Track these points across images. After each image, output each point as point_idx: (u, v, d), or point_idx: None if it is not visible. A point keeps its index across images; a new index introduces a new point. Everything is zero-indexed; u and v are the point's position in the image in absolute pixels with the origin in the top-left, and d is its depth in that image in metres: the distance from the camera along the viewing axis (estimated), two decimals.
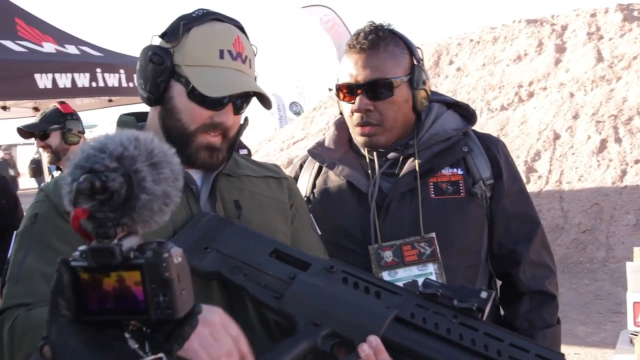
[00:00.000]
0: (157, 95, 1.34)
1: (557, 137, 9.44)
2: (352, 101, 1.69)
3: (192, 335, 1.00)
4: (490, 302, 1.10)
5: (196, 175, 1.40)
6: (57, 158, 3.75)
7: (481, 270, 1.75)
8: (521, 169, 8.99)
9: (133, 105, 6.73)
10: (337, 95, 1.75)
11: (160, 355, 0.74)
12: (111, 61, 6.09)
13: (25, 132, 3.80)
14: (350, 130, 1.77)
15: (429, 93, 1.76)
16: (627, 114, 9.21)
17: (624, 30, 10.86)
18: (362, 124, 1.69)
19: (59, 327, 0.73)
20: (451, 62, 12.36)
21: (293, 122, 15.66)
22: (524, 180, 7.85)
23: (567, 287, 6.66)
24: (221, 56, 1.31)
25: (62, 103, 3.82)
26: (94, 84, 5.65)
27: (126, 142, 0.75)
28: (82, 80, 5.53)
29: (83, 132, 3.85)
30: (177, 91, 1.33)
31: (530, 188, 8.55)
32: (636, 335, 2.27)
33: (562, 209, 8.12)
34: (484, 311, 1.08)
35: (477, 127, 1.83)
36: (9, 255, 1.31)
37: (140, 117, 1.47)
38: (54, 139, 3.71)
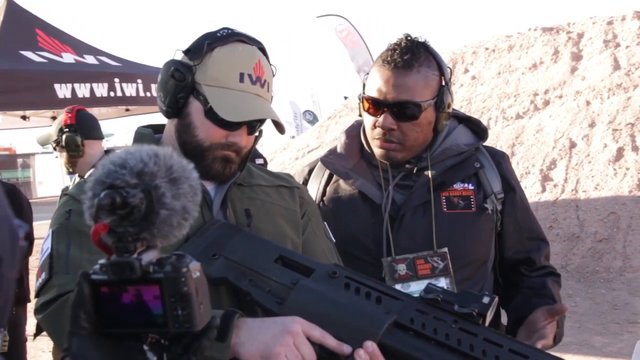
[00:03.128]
0: (175, 109, 1.38)
1: (573, 145, 9.38)
2: (377, 115, 1.70)
3: (278, 345, 1.05)
4: (493, 308, 1.09)
5: (209, 184, 1.43)
6: (71, 167, 3.66)
7: (487, 282, 1.79)
8: (537, 177, 8.94)
9: (150, 114, 6.79)
10: (362, 103, 1.75)
11: None
12: (129, 71, 6.18)
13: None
14: (368, 140, 1.79)
15: (450, 114, 1.78)
16: None
17: None
18: (384, 140, 1.71)
19: (80, 339, 0.75)
20: (466, 71, 12.34)
21: (308, 131, 15.69)
22: (540, 189, 7.79)
23: (583, 296, 6.61)
24: (241, 79, 1.35)
25: (69, 112, 3.67)
26: (112, 94, 5.73)
27: (146, 158, 0.77)
28: (101, 90, 5.62)
29: (98, 138, 3.71)
30: (195, 108, 1.37)
31: (546, 197, 8.50)
32: None
33: (578, 218, 8.06)
34: (485, 316, 1.08)
35: (492, 136, 1.87)
36: (43, 251, 1.33)
37: (158, 129, 1.51)
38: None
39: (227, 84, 1.35)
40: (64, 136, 3.55)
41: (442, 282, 1.65)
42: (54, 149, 3.67)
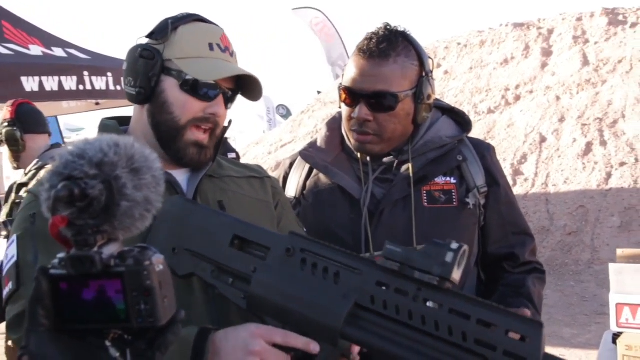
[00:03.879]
0: (148, 89, 1.35)
1: (543, 140, 9.51)
2: (353, 106, 1.66)
3: None
4: (462, 258, 0.98)
5: (181, 176, 1.42)
6: (15, 162, 3.58)
7: (470, 277, 1.76)
8: (508, 171, 9.05)
9: (120, 108, 6.70)
10: (340, 95, 1.71)
11: None
12: (99, 64, 6.08)
13: None
14: (345, 132, 1.75)
15: (432, 105, 1.73)
16: (612, 117, 9.31)
17: (609, 34, 10.98)
18: (359, 132, 1.67)
19: (38, 336, 0.72)
20: (439, 66, 12.42)
21: (281, 125, 15.65)
22: (511, 182, 7.86)
23: (553, 289, 6.71)
24: (211, 48, 1.36)
25: (9, 106, 3.60)
26: (81, 87, 5.64)
27: (106, 148, 0.74)
28: (70, 83, 5.52)
29: (41, 132, 3.62)
30: (169, 85, 1.35)
31: (517, 191, 8.61)
32: (619, 336, 2.30)
33: (548, 212, 8.18)
34: (450, 278, 0.97)
35: None
36: (8, 257, 1.29)
37: (123, 121, 1.48)
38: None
39: (198, 53, 1.35)
40: (3, 131, 3.51)
41: None
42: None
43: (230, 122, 1.47)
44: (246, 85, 1.42)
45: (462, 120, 1.82)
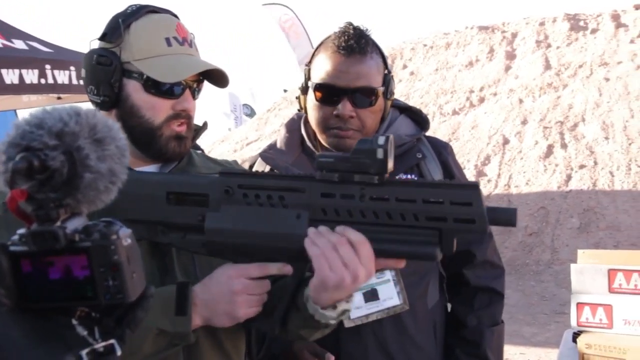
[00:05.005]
0: (112, 96, 1.32)
1: (506, 141, 9.68)
2: (332, 104, 1.65)
3: (237, 308, 1.10)
4: (390, 150, 1.04)
5: (153, 168, 1.39)
6: None
7: (433, 273, 1.78)
8: (471, 172, 9.18)
9: (83, 103, 6.56)
10: (313, 94, 1.68)
11: (112, 341, 0.71)
12: (61, 57, 5.94)
13: None
14: (317, 132, 1.74)
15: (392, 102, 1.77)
16: (572, 120, 9.52)
17: (570, 39, 11.22)
18: (344, 128, 1.66)
19: (0, 317, 0.69)
20: (405, 66, 12.52)
21: (247, 123, 15.59)
22: None
23: (514, 288, 6.83)
24: (169, 44, 1.32)
25: None
26: (42, 81, 5.50)
27: (66, 117, 0.70)
28: (31, 76, 5.38)
29: None
30: (133, 88, 1.31)
31: None
32: (579, 334, 2.34)
33: None
34: (385, 171, 1.03)
35: (430, 132, 1.85)
36: None
37: None
38: None
39: (156, 51, 1.30)
40: None
41: (388, 275, 1.64)
42: None
43: (205, 124, 1.46)
44: (212, 73, 1.38)
45: (419, 119, 1.84)
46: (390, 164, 1.04)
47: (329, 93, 1.66)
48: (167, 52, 1.31)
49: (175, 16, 1.40)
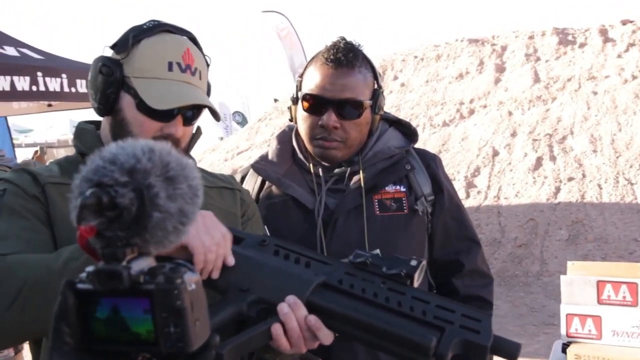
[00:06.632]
0: (106, 106, 1.34)
1: (495, 153, 9.74)
2: (319, 114, 1.69)
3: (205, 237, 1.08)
4: (421, 271, 1.10)
5: None
6: None
7: (422, 284, 1.80)
8: (461, 184, 9.22)
9: (74, 110, 6.55)
10: (301, 103, 1.73)
11: None
12: (53, 65, 5.94)
13: None
14: (305, 142, 1.77)
15: (382, 116, 1.80)
16: (561, 133, 9.60)
17: (559, 52, 11.34)
18: (328, 139, 1.70)
19: (62, 356, 0.66)
20: (395, 78, 12.59)
21: (238, 132, 15.58)
22: (464, 195, 7.97)
23: (503, 299, 6.85)
24: (170, 68, 1.32)
25: None
26: (34, 88, 5.49)
27: (139, 153, 0.68)
28: (22, 83, 5.37)
29: None
30: (127, 103, 1.33)
31: (470, 203, 8.78)
32: (568, 345, 2.36)
33: (500, 224, 8.36)
34: (413, 277, 1.08)
35: (420, 143, 1.89)
36: None
37: (99, 127, 1.46)
38: None
39: (154, 73, 1.31)
40: None
41: None
42: None
43: (199, 130, 1.46)
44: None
45: (408, 132, 1.87)
46: (416, 284, 1.10)
47: (315, 103, 1.70)
48: (165, 77, 1.32)
49: (194, 39, 1.40)
